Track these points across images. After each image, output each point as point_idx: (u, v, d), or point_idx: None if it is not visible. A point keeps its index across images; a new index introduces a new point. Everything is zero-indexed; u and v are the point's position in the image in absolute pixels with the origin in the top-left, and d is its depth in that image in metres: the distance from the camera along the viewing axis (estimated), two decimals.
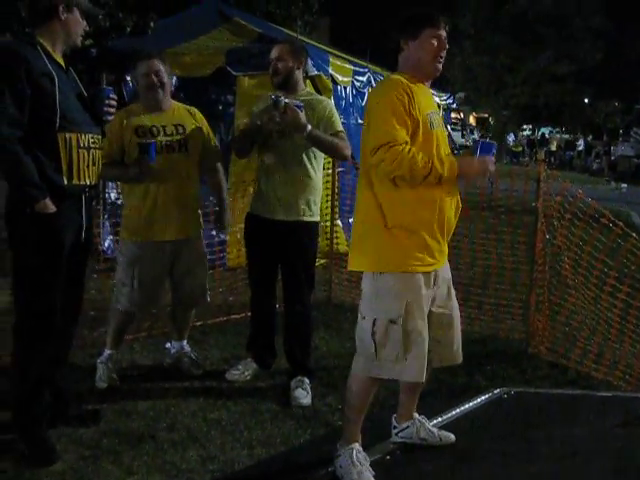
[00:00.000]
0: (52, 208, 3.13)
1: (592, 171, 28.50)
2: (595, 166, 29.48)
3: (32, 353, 3.31)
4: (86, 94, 3.42)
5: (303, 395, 4.06)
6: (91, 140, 3.32)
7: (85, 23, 3.35)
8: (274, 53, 4.08)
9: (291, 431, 3.70)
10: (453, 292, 3.32)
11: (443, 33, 3.11)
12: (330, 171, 6.37)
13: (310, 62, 7.13)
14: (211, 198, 4.51)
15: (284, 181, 4.04)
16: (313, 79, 7.22)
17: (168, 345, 4.60)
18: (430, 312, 3.16)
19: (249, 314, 4.52)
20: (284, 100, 3.82)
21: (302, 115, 3.83)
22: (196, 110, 4.32)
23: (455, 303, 3.32)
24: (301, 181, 4.06)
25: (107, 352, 4.29)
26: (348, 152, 4.10)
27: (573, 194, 5.03)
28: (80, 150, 3.25)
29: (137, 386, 4.23)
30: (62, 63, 3.29)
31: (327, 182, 6.48)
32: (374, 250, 3.05)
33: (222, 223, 4.48)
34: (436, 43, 3.08)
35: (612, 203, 11.73)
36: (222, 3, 8.72)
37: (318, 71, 7.34)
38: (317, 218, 4.21)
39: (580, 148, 32.64)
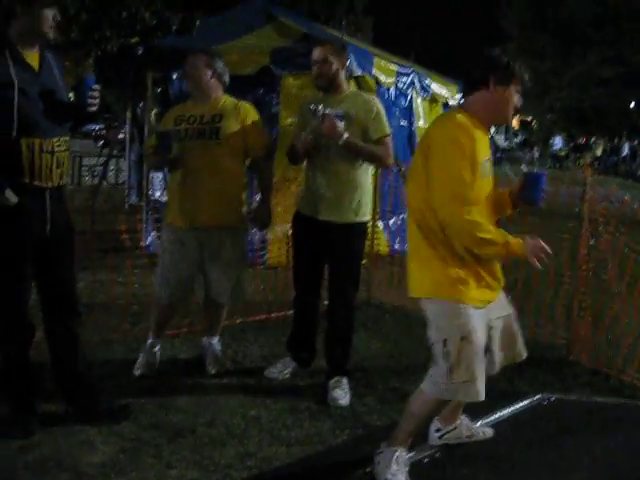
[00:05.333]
0: (14, 198, 3.21)
1: (637, 177, 27.97)
2: None
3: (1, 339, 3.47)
4: (70, 90, 3.49)
5: (341, 395, 4.06)
6: (56, 144, 3.36)
7: (54, 13, 3.29)
8: (317, 55, 4.04)
9: (329, 431, 3.71)
10: (508, 302, 3.30)
11: (521, 88, 3.07)
12: (372, 171, 6.35)
13: (354, 62, 7.14)
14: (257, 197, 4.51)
15: (334, 182, 4.02)
16: (357, 79, 7.21)
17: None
18: (490, 325, 3.14)
19: (289, 312, 4.54)
20: (322, 110, 3.84)
21: (340, 124, 3.84)
22: (247, 105, 4.29)
23: (510, 309, 3.30)
24: (350, 182, 4.04)
25: (148, 341, 4.38)
26: (389, 160, 4.09)
27: (619, 199, 4.95)
28: (43, 154, 3.31)
29: (177, 381, 4.27)
30: (34, 61, 3.32)
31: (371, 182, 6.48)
32: (429, 277, 3.04)
33: (261, 221, 4.39)
34: (515, 99, 3.03)
35: None
36: (267, 2, 8.76)
37: (362, 71, 7.33)
38: (366, 219, 4.19)
39: (625, 153, 32.06)
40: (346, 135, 3.85)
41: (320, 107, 3.87)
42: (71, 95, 3.57)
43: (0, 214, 3.27)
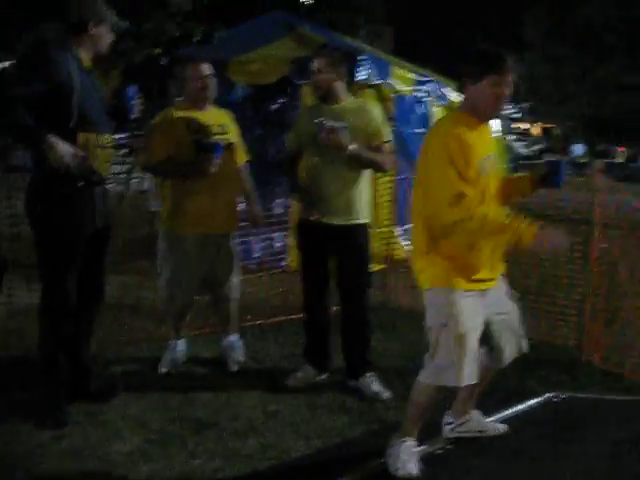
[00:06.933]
0: (60, 144, 3.35)
1: None
2: None
3: (48, 331, 3.68)
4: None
5: (381, 390, 4.22)
6: (107, 140, 3.69)
7: (112, 35, 3.72)
8: (313, 66, 4.19)
9: (346, 425, 3.85)
10: (510, 298, 3.45)
11: (509, 77, 3.00)
12: (392, 177, 6.52)
13: (372, 71, 7.30)
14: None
15: (331, 183, 4.11)
16: (374, 88, 7.37)
17: None
18: (490, 321, 3.29)
19: None
20: (327, 124, 3.99)
21: (344, 135, 3.97)
22: (228, 112, 4.59)
23: (514, 305, 3.45)
24: (351, 185, 4.14)
25: (172, 341, 4.61)
26: (387, 166, 4.24)
27: (629, 204, 5.05)
28: (97, 149, 3.60)
29: (200, 378, 4.47)
30: (89, 68, 3.67)
31: (389, 188, 6.67)
32: (426, 271, 3.21)
33: (255, 217, 4.65)
34: (498, 90, 3.00)
35: None
36: (287, 13, 8.93)
37: (379, 80, 7.48)
38: (367, 220, 4.26)
39: None
40: (352, 146, 3.99)
41: (325, 121, 4.00)
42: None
43: (57, 207, 3.52)
